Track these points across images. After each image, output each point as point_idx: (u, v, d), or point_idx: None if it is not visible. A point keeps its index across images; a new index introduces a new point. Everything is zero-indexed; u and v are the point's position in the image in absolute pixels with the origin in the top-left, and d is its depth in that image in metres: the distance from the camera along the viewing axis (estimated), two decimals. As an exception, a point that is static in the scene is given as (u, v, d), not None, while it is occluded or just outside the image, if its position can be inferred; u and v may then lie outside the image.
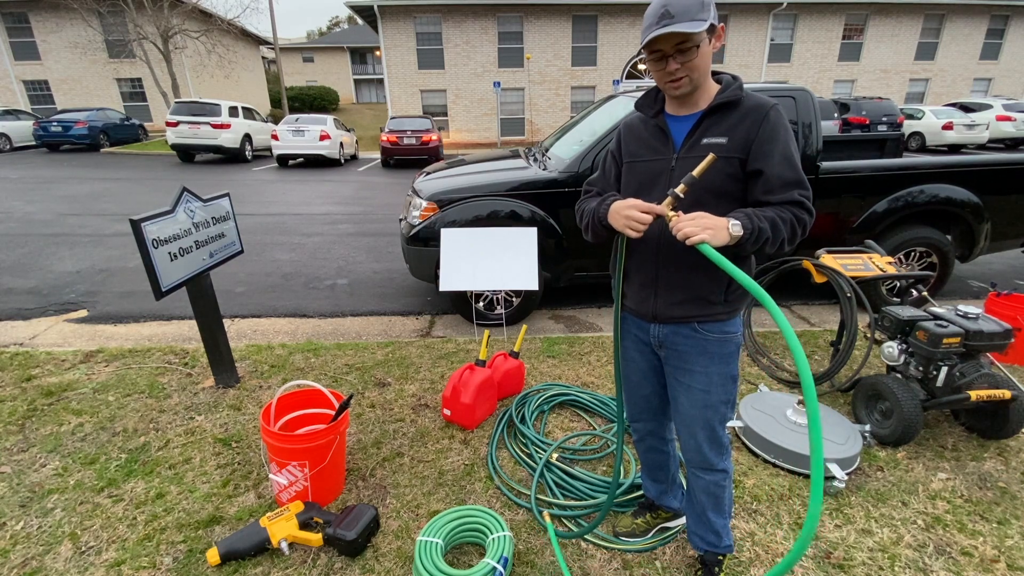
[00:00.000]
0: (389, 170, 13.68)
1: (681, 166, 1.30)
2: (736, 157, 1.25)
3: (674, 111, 1.36)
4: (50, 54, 21.30)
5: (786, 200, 1.23)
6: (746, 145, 1.25)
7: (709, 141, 1.27)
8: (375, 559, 1.72)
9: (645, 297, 1.42)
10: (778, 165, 1.23)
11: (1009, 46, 22.86)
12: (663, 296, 1.38)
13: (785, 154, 1.24)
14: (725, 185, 1.28)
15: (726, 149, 1.25)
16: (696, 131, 1.30)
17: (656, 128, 1.38)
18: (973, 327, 2.26)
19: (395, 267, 5.20)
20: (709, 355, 1.39)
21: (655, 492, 1.82)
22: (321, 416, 2.15)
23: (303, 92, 30.01)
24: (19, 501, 1.97)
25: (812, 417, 0.94)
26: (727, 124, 1.27)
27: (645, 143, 1.40)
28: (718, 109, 1.28)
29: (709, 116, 1.29)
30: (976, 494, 2.05)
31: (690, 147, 1.30)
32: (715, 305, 1.36)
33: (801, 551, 0.97)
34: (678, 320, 1.39)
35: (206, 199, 2.64)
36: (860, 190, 3.82)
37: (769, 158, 1.24)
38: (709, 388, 1.40)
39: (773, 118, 1.24)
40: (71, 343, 3.48)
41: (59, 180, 10.41)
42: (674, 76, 1.24)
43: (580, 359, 3.16)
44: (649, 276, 1.40)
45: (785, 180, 1.24)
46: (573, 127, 4.42)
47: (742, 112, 1.26)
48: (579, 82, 21.56)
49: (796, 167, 1.25)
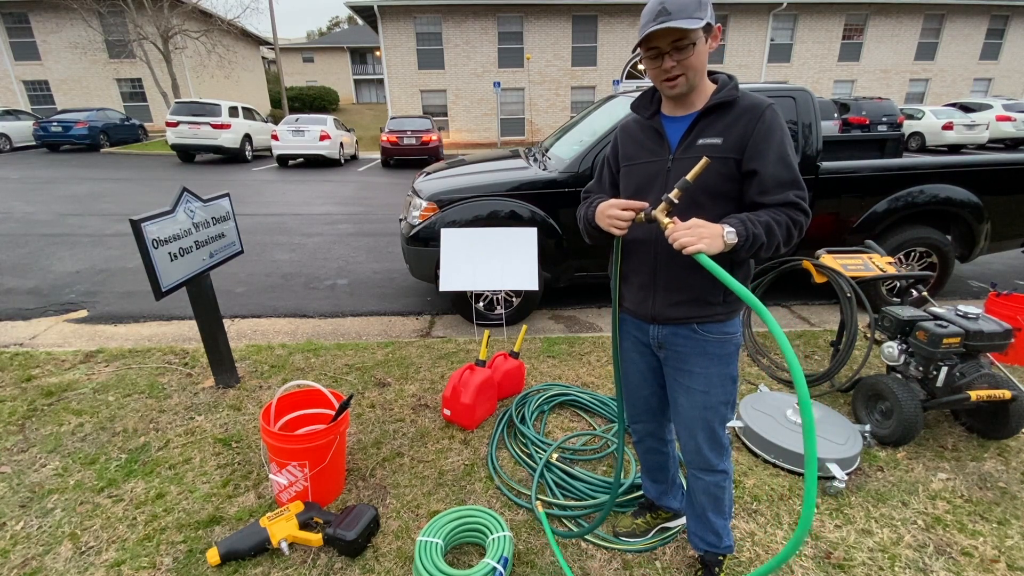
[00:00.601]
0: (389, 170, 13.68)
1: (677, 167, 1.29)
2: (732, 157, 1.25)
3: (670, 112, 1.35)
4: (50, 54, 21.30)
5: (781, 201, 1.23)
6: (741, 145, 1.24)
7: (705, 142, 1.27)
8: (375, 559, 1.72)
9: (644, 299, 1.42)
10: (773, 165, 1.23)
11: (1009, 46, 22.86)
12: (662, 297, 1.38)
13: (780, 154, 1.24)
14: (721, 186, 1.27)
15: (722, 149, 1.25)
16: (692, 132, 1.29)
17: (652, 130, 1.38)
18: (973, 327, 2.26)
19: (395, 267, 5.20)
20: (709, 356, 1.38)
21: (655, 493, 1.82)
22: (321, 416, 2.15)
23: (303, 92, 30.02)
24: (19, 501, 1.97)
25: (807, 427, 0.94)
26: (723, 124, 1.26)
27: (641, 145, 1.39)
28: (714, 109, 1.27)
29: (705, 116, 1.28)
30: (976, 494, 2.05)
31: (686, 148, 1.30)
32: (714, 306, 1.35)
33: (792, 552, 0.97)
34: (677, 321, 1.39)
35: (206, 199, 2.64)
36: (860, 190, 3.82)
37: (764, 158, 1.23)
38: (709, 389, 1.40)
39: (768, 118, 1.24)
40: (71, 343, 3.48)
41: (59, 180, 10.41)
42: (670, 74, 1.23)
43: (580, 359, 3.16)
44: (648, 278, 1.39)
45: (780, 180, 1.23)
46: (573, 127, 4.42)
47: (738, 112, 1.26)
48: (579, 82, 21.56)
49: (791, 167, 1.25)
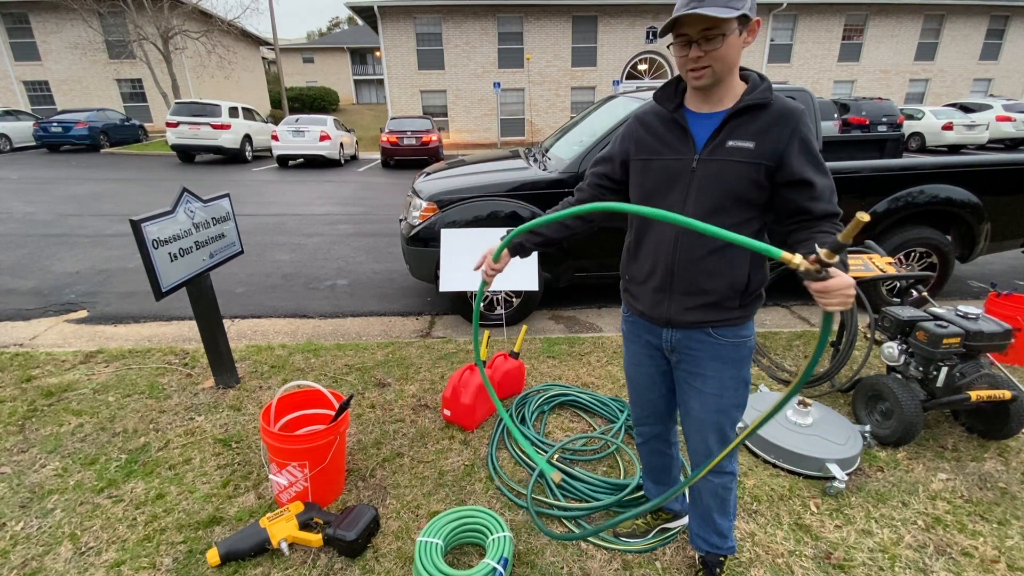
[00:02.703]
0: (389, 171, 13.68)
1: (703, 168, 1.23)
2: (763, 164, 1.19)
3: (696, 107, 1.27)
4: (50, 55, 21.31)
5: (830, 211, 1.21)
6: (776, 152, 1.19)
7: (736, 144, 1.20)
8: (375, 560, 1.72)
9: (659, 302, 1.37)
10: (820, 176, 1.21)
11: (1009, 46, 22.86)
12: (678, 301, 1.34)
13: (820, 161, 1.22)
14: (748, 192, 1.22)
15: (754, 155, 1.19)
16: (721, 131, 1.22)
17: (674, 123, 1.29)
18: (973, 327, 2.26)
19: (395, 267, 5.20)
20: (722, 359, 1.36)
21: (656, 494, 1.81)
22: (321, 416, 2.15)
23: (303, 93, 30.01)
24: (19, 502, 1.97)
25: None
26: (755, 128, 1.20)
27: (662, 139, 1.31)
28: (746, 111, 1.21)
29: (736, 117, 1.21)
30: (976, 494, 2.05)
31: (713, 149, 1.22)
32: (731, 310, 1.32)
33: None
34: (692, 325, 1.35)
35: (206, 199, 2.63)
36: (860, 190, 3.82)
37: (811, 167, 1.20)
38: (722, 392, 1.38)
39: (805, 126, 1.20)
40: (71, 343, 3.48)
41: (59, 181, 10.41)
42: (696, 64, 1.17)
43: (580, 359, 3.16)
44: (664, 281, 1.34)
45: (830, 187, 1.22)
46: (573, 127, 4.42)
47: (772, 116, 1.19)
48: (579, 82, 21.57)
49: (829, 173, 1.24)
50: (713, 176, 1.23)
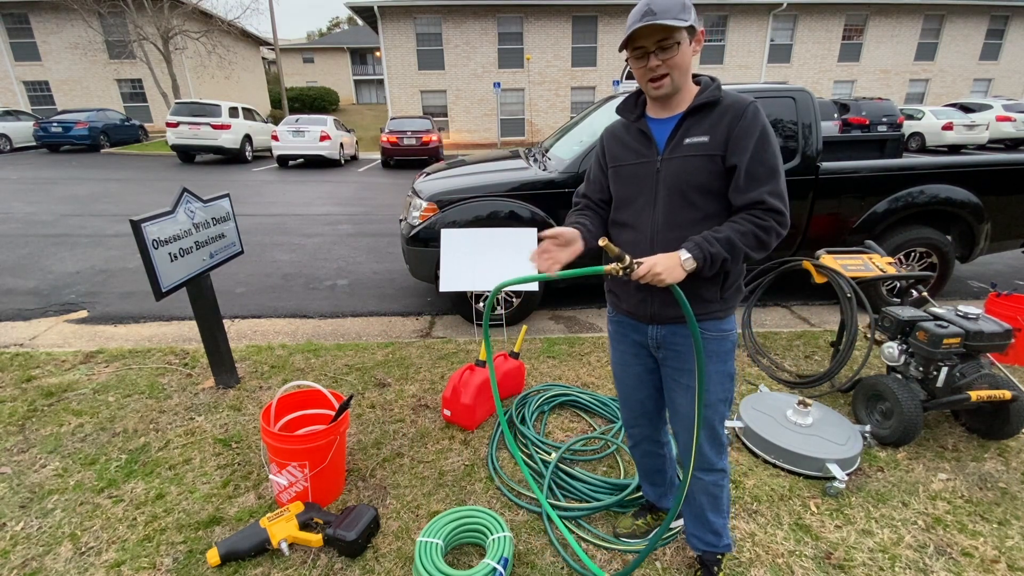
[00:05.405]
0: (389, 171, 13.69)
1: (666, 167, 1.32)
2: (718, 154, 1.28)
3: (655, 114, 1.38)
4: (50, 55, 21.31)
5: (750, 201, 1.25)
6: (725, 141, 1.27)
7: (692, 140, 1.29)
8: (375, 560, 1.72)
9: (642, 299, 1.42)
10: (748, 161, 1.24)
11: (1009, 46, 22.86)
12: (660, 297, 1.39)
13: (757, 150, 1.24)
14: (711, 183, 1.30)
15: (708, 147, 1.28)
16: (678, 131, 1.32)
17: (638, 132, 1.40)
18: (973, 327, 2.26)
19: (395, 268, 5.20)
20: (707, 353, 1.39)
21: (653, 495, 1.83)
22: (321, 417, 2.15)
23: (303, 93, 30.02)
24: (19, 502, 1.97)
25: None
26: (708, 123, 1.29)
27: (628, 147, 1.42)
28: (699, 109, 1.30)
29: (690, 116, 1.31)
30: (976, 495, 2.05)
31: (673, 147, 1.32)
32: (712, 303, 1.37)
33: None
34: (676, 320, 1.39)
35: (206, 200, 2.64)
36: (860, 190, 3.82)
37: (743, 153, 1.25)
38: (708, 387, 1.41)
39: (750, 114, 1.26)
40: (71, 344, 3.48)
41: (59, 181, 10.41)
42: (655, 73, 1.26)
43: (580, 359, 3.16)
44: None
45: (754, 176, 1.25)
46: (573, 128, 4.42)
47: (721, 110, 1.28)
48: (579, 83, 21.57)
49: (768, 165, 1.25)
50: (675, 173, 1.32)
